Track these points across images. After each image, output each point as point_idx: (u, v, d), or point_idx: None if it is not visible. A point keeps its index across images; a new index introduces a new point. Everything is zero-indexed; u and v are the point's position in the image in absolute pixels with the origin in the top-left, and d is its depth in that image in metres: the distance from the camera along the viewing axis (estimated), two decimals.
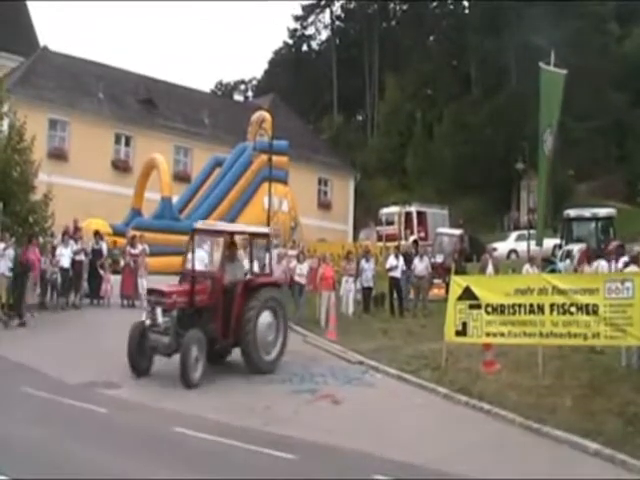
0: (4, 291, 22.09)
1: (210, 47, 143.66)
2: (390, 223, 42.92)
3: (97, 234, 26.36)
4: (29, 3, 60.85)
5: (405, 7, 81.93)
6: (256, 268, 18.01)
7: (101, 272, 25.02)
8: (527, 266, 22.33)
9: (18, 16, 56.33)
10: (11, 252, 22.12)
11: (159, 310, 15.29)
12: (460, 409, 13.51)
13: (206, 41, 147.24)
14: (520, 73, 57.36)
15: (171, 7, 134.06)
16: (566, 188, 49.24)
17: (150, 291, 16.49)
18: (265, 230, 19.24)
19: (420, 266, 24.60)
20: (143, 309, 23.27)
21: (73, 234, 25.25)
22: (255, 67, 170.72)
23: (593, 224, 28.21)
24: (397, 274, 24.22)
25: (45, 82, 43.93)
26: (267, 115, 41.96)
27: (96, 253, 25.29)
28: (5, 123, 25.73)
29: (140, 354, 15.50)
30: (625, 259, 17.21)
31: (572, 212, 28.75)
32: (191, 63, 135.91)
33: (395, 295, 24.23)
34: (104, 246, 25.86)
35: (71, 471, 8.80)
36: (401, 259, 24.76)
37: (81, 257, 24.50)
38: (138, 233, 28.65)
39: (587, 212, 28.70)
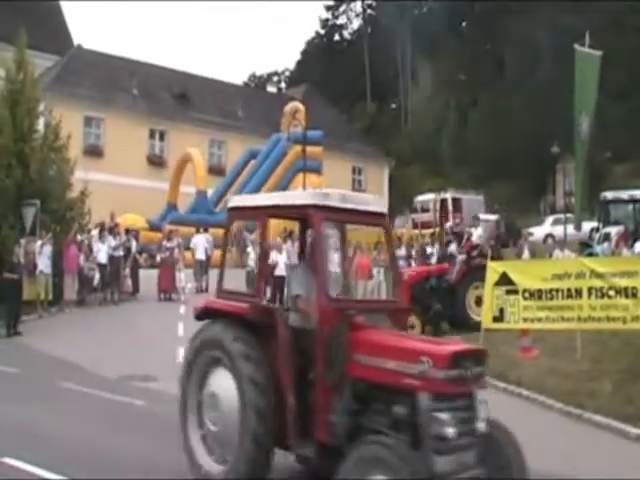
0: (43, 287, 22.39)
1: (242, 40, 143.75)
2: (425, 210, 42.76)
3: (128, 232, 26.53)
4: (62, 3, 61.49)
5: None
6: None
7: (126, 270, 25.16)
8: (557, 251, 22.12)
9: (52, 16, 56.90)
10: (49, 249, 22.40)
11: None
12: (499, 395, 13.38)
13: (238, 34, 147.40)
14: (555, 56, 56.71)
15: (203, 1, 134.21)
16: (603, 170, 48.60)
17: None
18: None
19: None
20: (181, 302, 23.61)
21: (111, 229, 25.47)
22: (287, 58, 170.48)
23: (631, 206, 27.80)
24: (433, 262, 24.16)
25: (79, 80, 44.27)
26: (300, 106, 42.04)
27: (125, 250, 25.49)
28: (41, 122, 25.94)
29: None
30: None
31: (609, 194, 28.38)
32: (224, 56, 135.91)
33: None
34: (134, 244, 26.01)
35: (118, 468, 8.86)
36: (436, 246, 24.70)
37: (119, 253, 24.69)
38: (174, 227, 28.88)
39: (624, 194, 28.30)
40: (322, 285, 7.54)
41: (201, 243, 27.59)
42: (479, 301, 18.20)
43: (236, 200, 9.30)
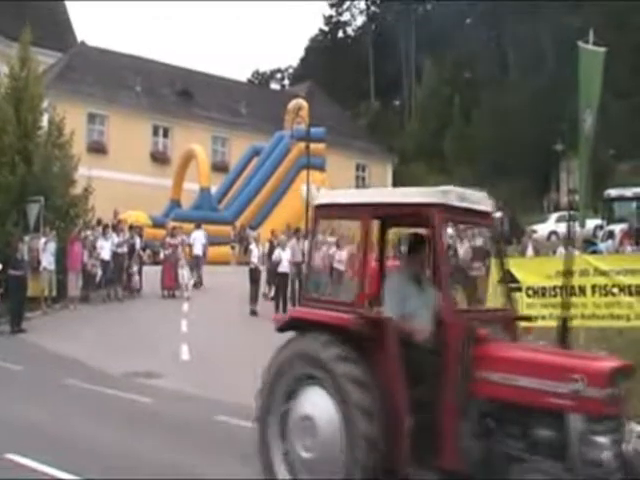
0: (47, 284, 22.43)
1: (245, 37, 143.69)
2: None
3: (132, 228, 26.53)
4: (66, 0, 61.50)
5: None
6: None
7: (134, 267, 25.14)
8: (561, 248, 22.08)
9: (55, 13, 56.85)
10: (53, 246, 22.44)
11: None
12: None
13: (241, 31, 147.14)
14: (558, 54, 56.63)
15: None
16: (607, 168, 48.52)
17: None
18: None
19: (460, 250, 24.41)
20: (184, 300, 23.62)
21: (115, 226, 25.47)
22: (291, 55, 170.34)
23: (635, 204, 27.80)
24: None
25: (83, 77, 44.31)
26: (304, 103, 42.01)
27: (130, 247, 25.44)
28: (45, 119, 25.95)
29: None
30: None
31: (613, 192, 28.40)
32: (227, 53, 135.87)
33: None
34: (138, 241, 26.02)
35: (123, 465, 8.87)
36: None
37: (123, 249, 24.69)
38: (177, 224, 28.91)
39: (629, 192, 28.31)
40: (447, 295, 6.81)
41: (199, 239, 27.67)
42: None
43: (327, 196, 8.19)
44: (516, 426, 6.29)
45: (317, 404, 6.92)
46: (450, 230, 20.51)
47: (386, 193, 8.09)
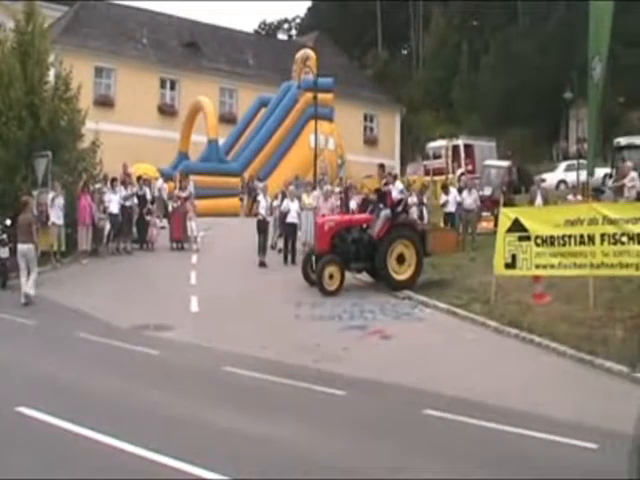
0: (56, 239, 22.48)
1: None
2: (437, 157, 42.61)
3: (140, 179, 26.49)
4: None
5: None
6: None
7: (147, 218, 25.17)
8: (570, 196, 22.01)
9: None
10: (61, 200, 22.46)
11: None
12: (511, 342, 13.46)
13: None
14: (568, 1, 56.02)
15: None
16: (616, 116, 48.25)
17: None
18: None
19: (469, 199, 24.35)
20: (193, 252, 23.69)
21: (123, 180, 25.46)
22: (298, 5, 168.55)
23: None
24: (452, 209, 24.04)
25: (89, 30, 44.13)
26: (311, 53, 41.76)
27: (140, 199, 25.40)
28: (51, 73, 25.80)
29: None
30: None
31: (623, 140, 28.17)
32: (234, 4, 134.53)
33: None
34: (148, 191, 26.01)
35: (136, 417, 8.98)
36: (453, 192, 24.54)
37: (131, 202, 24.70)
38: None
39: (638, 140, 28.10)
40: None
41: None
42: (401, 259, 18.31)
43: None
44: None
45: None
46: (401, 185, 20.46)
47: None
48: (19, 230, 18.34)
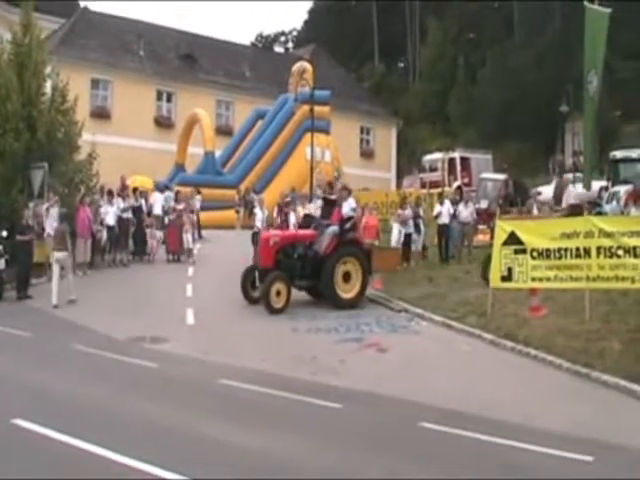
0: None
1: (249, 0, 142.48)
2: (433, 170, 42.69)
3: (136, 191, 26.50)
4: None
5: None
6: None
7: (147, 230, 25.19)
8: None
9: None
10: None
11: None
12: (506, 355, 13.48)
13: None
14: (564, 14, 56.20)
15: None
16: (612, 129, 48.32)
17: None
18: None
19: (465, 212, 24.41)
20: (189, 264, 23.68)
21: (120, 192, 25.47)
22: (295, 18, 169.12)
23: None
24: (445, 220, 24.06)
25: (86, 42, 44.13)
26: (308, 65, 41.83)
27: (136, 210, 25.43)
28: (48, 85, 25.85)
29: None
30: None
31: (619, 153, 28.22)
32: (231, 17, 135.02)
33: (443, 242, 24.06)
34: (144, 203, 26.01)
35: (133, 428, 8.98)
36: (447, 204, 24.55)
37: (128, 214, 24.72)
38: (182, 189, 28.95)
39: (634, 153, 28.12)
40: None
41: (197, 203, 27.91)
42: (347, 277, 18.29)
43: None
44: None
45: None
46: (354, 203, 20.49)
47: None
48: (55, 240, 19.88)
